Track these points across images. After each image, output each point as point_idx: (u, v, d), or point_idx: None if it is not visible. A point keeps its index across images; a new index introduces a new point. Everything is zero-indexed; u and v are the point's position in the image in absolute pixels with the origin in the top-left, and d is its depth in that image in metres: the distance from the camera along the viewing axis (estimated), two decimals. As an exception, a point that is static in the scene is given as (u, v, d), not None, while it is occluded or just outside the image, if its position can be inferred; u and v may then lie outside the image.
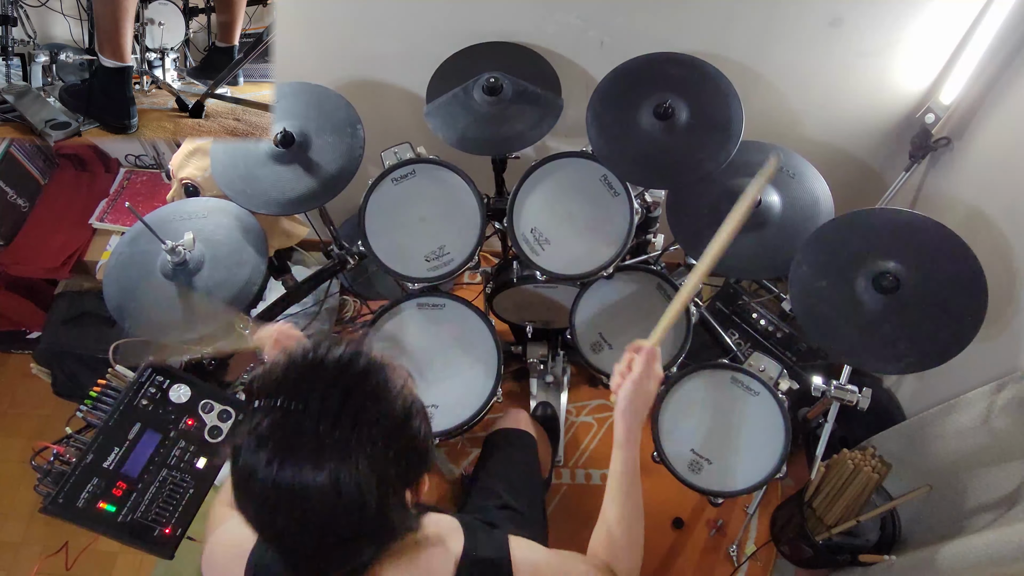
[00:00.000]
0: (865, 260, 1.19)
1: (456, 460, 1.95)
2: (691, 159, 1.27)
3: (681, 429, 1.32)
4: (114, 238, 2.00)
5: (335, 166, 1.35)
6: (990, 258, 1.14)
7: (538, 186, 1.39)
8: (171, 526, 1.22)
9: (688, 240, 1.34)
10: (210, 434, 1.32)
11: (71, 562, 1.52)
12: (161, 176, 2.08)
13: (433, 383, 1.42)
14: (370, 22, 1.52)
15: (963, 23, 1.37)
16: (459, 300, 1.48)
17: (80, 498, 1.17)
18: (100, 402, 1.27)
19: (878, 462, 1.51)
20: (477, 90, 1.36)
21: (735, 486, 1.27)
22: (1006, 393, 1.30)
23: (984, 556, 1.20)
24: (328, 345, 0.70)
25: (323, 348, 0.69)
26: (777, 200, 1.33)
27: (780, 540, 1.74)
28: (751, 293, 1.95)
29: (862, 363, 1.19)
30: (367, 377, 0.69)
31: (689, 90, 1.30)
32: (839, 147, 1.71)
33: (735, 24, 1.43)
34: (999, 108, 1.41)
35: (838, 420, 1.42)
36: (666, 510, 1.82)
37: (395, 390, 0.70)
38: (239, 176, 1.35)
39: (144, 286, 1.28)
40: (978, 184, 1.48)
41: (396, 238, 1.41)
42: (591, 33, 1.48)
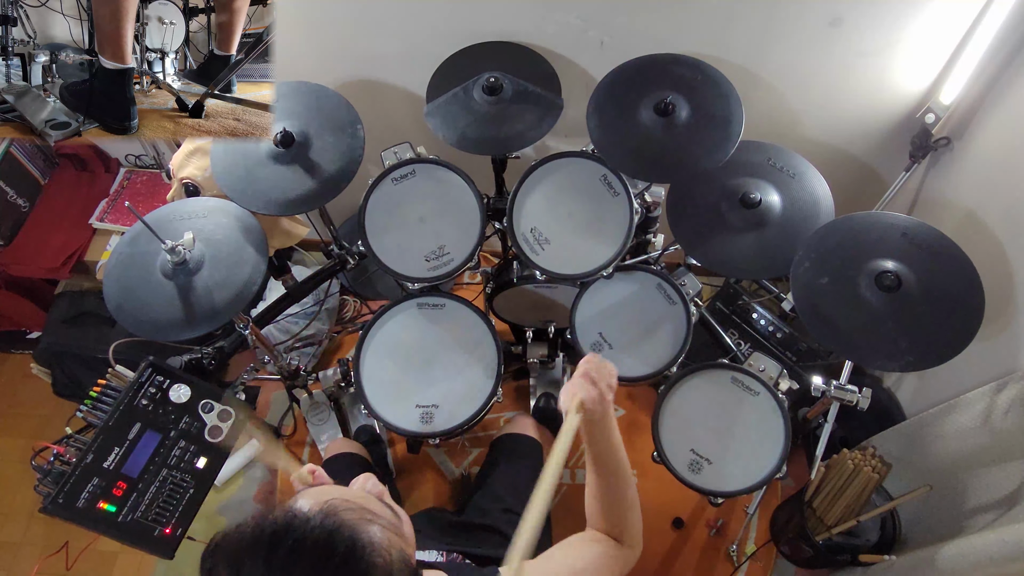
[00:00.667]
0: (867, 259, 1.19)
1: (456, 460, 1.95)
2: (690, 156, 1.27)
3: (681, 429, 1.32)
4: (114, 238, 2.00)
5: (335, 166, 1.35)
6: (990, 257, 1.15)
7: (538, 186, 1.39)
8: (171, 526, 1.22)
9: (688, 240, 1.34)
10: (210, 434, 1.32)
11: (71, 562, 1.52)
12: (161, 176, 2.08)
13: (433, 383, 1.42)
14: (370, 22, 1.52)
15: (963, 23, 1.37)
16: (459, 300, 1.49)
17: (80, 498, 1.18)
18: (100, 402, 1.27)
19: (878, 462, 1.51)
20: (477, 90, 1.36)
21: (735, 486, 1.27)
22: (1006, 393, 1.30)
23: (984, 556, 1.20)
24: (302, 524, 0.60)
25: (297, 528, 0.60)
26: (777, 200, 1.33)
27: (780, 540, 1.74)
28: (751, 293, 1.95)
29: (863, 360, 1.20)
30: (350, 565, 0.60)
31: (690, 89, 1.30)
32: (839, 147, 1.71)
33: (735, 24, 1.43)
34: (999, 108, 1.41)
35: (838, 420, 1.42)
36: (666, 510, 1.82)
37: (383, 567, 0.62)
38: (239, 176, 1.35)
39: (144, 286, 1.28)
40: (978, 184, 1.48)
41: (396, 238, 1.41)
42: (591, 33, 1.48)
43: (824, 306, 1.19)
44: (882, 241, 1.20)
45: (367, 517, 0.65)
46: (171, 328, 1.25)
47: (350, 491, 0.71)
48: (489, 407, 1.42)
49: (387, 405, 1.41)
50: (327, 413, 1.90)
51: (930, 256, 1.17)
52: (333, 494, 0.67)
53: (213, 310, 1.26)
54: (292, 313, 2.08)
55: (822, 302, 1.19)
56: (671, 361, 1.37)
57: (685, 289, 1.39)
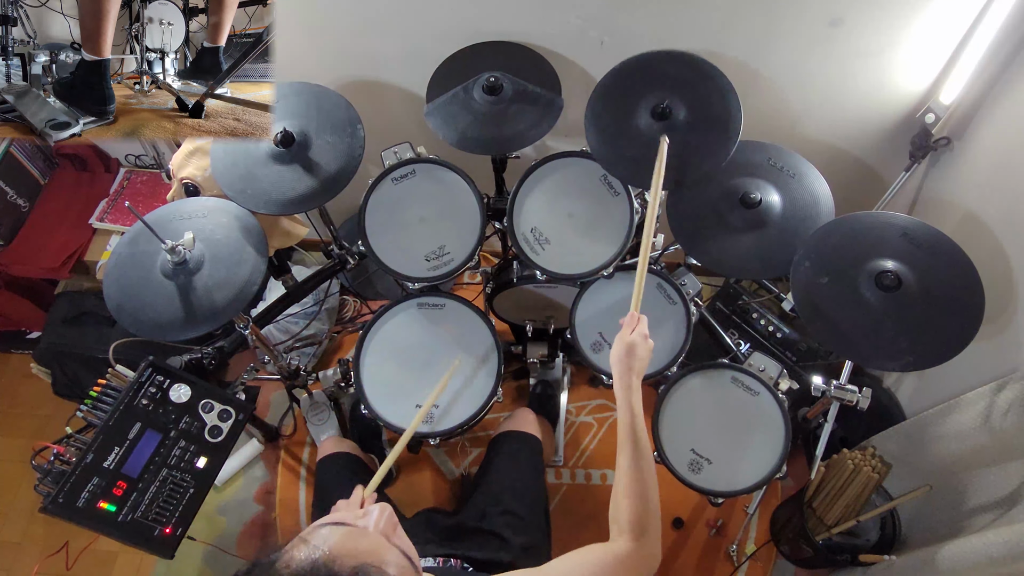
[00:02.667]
0: (867, 259, 1.19)
1: (456, 460, 1.95)
2: (689, 159, 1.27)
3: (681, 429, 1.32)
4: (114, 238, 2.00)
5: (335, 166, 1.35)
6: (990, 257, 1.15)
7: (538, 186, 1.39)
8: (171, 526, 1.22)
9: (688, 240, 1.34)
10: (210, 434, 1.32)
11: (71, 562, 1.52)
12: (161, 176, 2.08)
13: (433, 383, 1.42)
14: (370, 22, 1.52)
15: (963, 23, 1.37)
16: (459, 300, 1.49)
17: (80, 498, 1.18)
18: (100, 402, 1.27)
19: (878, 462, 1.51)
20: (477, 90, 1.36)
21: (735, 486, 1.27)
22: (1006, 393, 1.30)
23: (984, 556, 1.20)
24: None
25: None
26: (777, 200, 1.33)
27: (780, 540, 1.74)
28: (751, 293, 1.95)
29: (863, 360, 1.20)
30: None
31: (688, 89, 1.29)
32: (839, 147, 1.71)
33: (735, 24, 1.43)
34: (999, 108, 1.41)
35: (838, 420, 1.42)
36: (666, 510, 1.80)
37: None
38: (239, 176, 1.35)
39: (144, 286, 1.28)
40: (978, 184, 1.48)
41: (396, 238, 1.41)
42: (591, 33, 1.48)
43: (824, 306, 1.19)
44: (882, 241, 1.20)
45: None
46: (171, 328, 1.25)
47: (376, 542, 0.70)
48: (489, 407, 1.42)
49: (387, 405, 1.41)
50: (327, 413, 1.90)
51: (930, 256, 1.17)
52: (361, 550, 0.67)
53: (213, 310, 1.26)
54: (292, 313, 2.08)
55: (822, 302, 1.19)
56: (671, 361, 1.37)
57: (685, 289, 1.39)
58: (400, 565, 0.69)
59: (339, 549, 0.65)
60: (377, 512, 0.76)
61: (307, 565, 0.62)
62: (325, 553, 0.64)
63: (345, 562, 0.63)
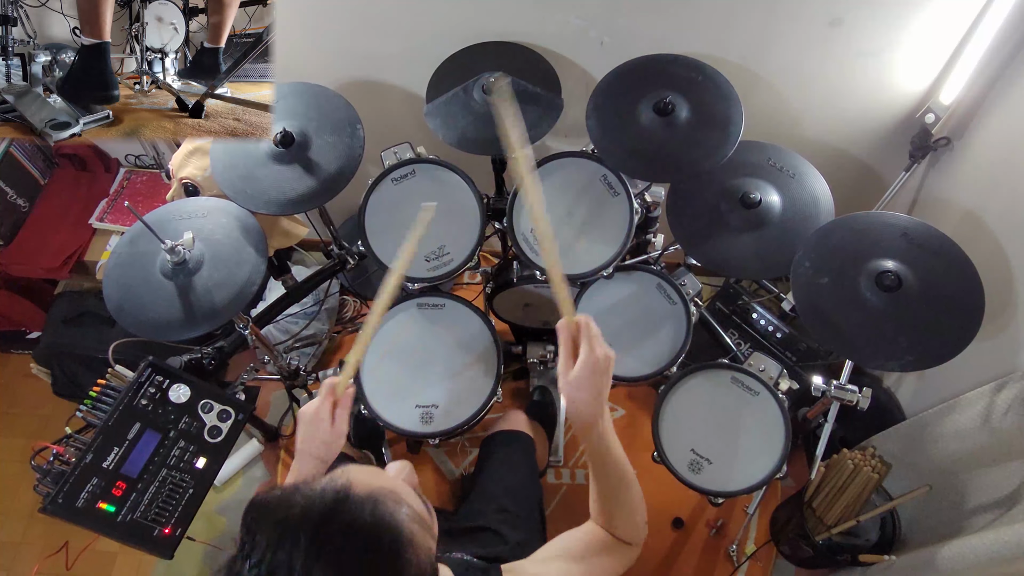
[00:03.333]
0: (867, 259, 1.19)
1: (456, 460, 1.95)
2: (690, 155, 1.27)
3: (681, 429, 1.32)
4: (114, 238, 2.00)
5: (335, 166, 1.35)
6: (990, 257, 1.15)
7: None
8: (171, 526, 1.22)
9: (688, 240, 1.34)
10: (209, 434, 1.32)
11: (71, 562, 1.52)
12: (161, 176, 2.08)
13: (433, 383, 1.42)
14: (370, 22, 1.52)
15: (963, 23, 1.37)
16: (459, 300, 1.48)
17: (80, 498, 1.18)
18: (100, 402, 1.27)
19: (878, 462, 1.51)
20: (477, 90, 1.36)
21: (735, 486, 1.27)
22: (1006, 393, 1.30)
23: (984, 556, 1.20)
24: (352, 509, 0.61)
25: (345, 512, 0.61)
26: (777, 200, 1.33)
27: (780, 540, 1.74)
28: (751, 293, 1.95)
29: (863, 360, 1.20)
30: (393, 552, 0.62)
31: (690, 89, 1.30)
32: (839, 147, 1.71)
33: (735, 24, 1.43)
34: (999, 108, 1.41)
35: (838, 420, 1.42)
36: (666, 510, 1.82)
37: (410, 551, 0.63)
38: (239, 176, 1.35)
39: (144, 286, 1.28)
40: (978, 184, 1.48)
41: (396, 238, 1.40)
42: (591, 33, 1.48)
43: (824, 306, 1.19)
44: (882, 241, 1.21)
45: (410, 514, 0.66)
46: (171, 328, 1.25)
47: (394, 481, 0.71)
48: (489, 407, 1.41)
49: (387, 405, 1.40)
50: (327, 413, 1.90)
51: (930, 256, 1.17)
52: (381, 482, 0.68)
53: (213, 310, 1.26)
54: (292, 313, 2.08)
55: (822, 302, 1.19)
56: (671, 361, 1.37)
57: (685, 289, 1.39)
58: (417, 504, 0.70)
59: (358, 477, 0.66)
60: (399, 466, 0.80)
61: (326, 483, 0.63)
62: (344, 479, 0.65)
63: (362, 489, 0.64)
